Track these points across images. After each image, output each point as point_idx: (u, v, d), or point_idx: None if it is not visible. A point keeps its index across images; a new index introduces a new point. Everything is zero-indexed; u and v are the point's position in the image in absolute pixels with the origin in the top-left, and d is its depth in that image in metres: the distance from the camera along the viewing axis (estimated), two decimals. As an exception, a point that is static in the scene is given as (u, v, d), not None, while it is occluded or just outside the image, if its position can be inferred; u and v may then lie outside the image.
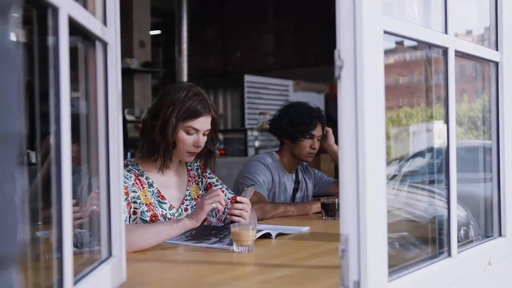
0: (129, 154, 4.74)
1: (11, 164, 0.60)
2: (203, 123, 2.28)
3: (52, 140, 1.05)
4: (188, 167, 2.49)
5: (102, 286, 1.31)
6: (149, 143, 2.28)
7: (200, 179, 2.49)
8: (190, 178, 2.46)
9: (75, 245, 1.24)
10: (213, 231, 2.21)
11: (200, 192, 2.47)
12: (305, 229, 2.44)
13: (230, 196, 2.46)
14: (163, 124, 2.23)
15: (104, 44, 1.40)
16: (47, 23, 1.04)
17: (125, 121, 5.20)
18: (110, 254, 1.42)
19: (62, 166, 1.04)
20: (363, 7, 1.19)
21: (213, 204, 2.03)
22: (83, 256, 1.44)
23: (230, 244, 1.97)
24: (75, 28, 1.15)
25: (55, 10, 1.03)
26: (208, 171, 2.52)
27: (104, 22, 1.40)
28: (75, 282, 1.13)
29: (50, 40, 1.05)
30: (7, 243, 0.59)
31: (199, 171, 2.51)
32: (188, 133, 2.26)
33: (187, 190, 2.43)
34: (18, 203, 0.61)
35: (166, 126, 2.23)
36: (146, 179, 2.30)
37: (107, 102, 1.41)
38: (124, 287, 1.48)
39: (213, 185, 2.48)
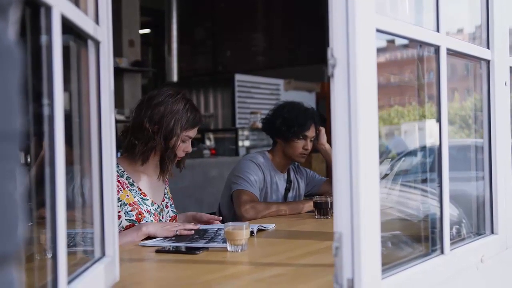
0: (118, 154, 4.73)
1: (12, 162, 0.60)
2: (196, 131, 2.46)
3: (45, 140, 1.04)
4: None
5: (96, 285, 1.30)
6: (149, 150, 2.36)
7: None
8: (166, 180, 2.58)
9: (68, 245, 1.24)
10: (195, 235, 2.20)
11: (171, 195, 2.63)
12: (272, 226, 2.47)
13: (172, 214, 2.56)
14: (167, 134, 2.35)
15: (97, 43, 1.39)
16: (40, 22, 1.04)
17: (115, 121, 5.22)
18: (103, 253, 1.41)
19: (56, 166, 1.04)
20: (356, 5, 1.19)
21: (177, 232, 2.20)
22: (75, 255, 1.43)
23: (224, 242, 1.96)
24: (67, 27, 1.15)
25: (48, 8, 1.02)
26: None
27: (96, 21, 1.39)
28: (69, 282, 1.12)
29: (43, 38, 1.05)
30: (9, 241, 0.59)
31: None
32: (183, 141, 2.40)
33: (165, 189, 2.57)
34: (19, 200, 0.61)
35: (170, 136, 2.35)
36: (126, 179, 2.38)
37: (99, 101, 1.40)
38: (117, 286, 1.47)
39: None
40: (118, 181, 2.32)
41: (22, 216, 0.62)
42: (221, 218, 2.58)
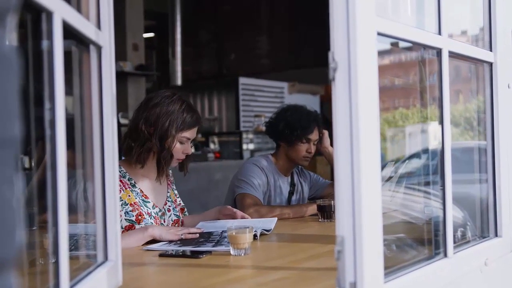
0: (122, 158, 4.73)
1: (10, 168, 0.60)
2: (195, 132, 2.44)
3: (47, 144, 1.04)
4: None
5: (98, 290, 1.30)
6: (146, 152, 2.36)
7: (174, 186, 2.63)
8: (169, 182, 2.59)
9: (70, 249, 1.24)
10: (201, 239, 2.20)
11: (176, 197, 2.61)
12: (274, 220, 2.51)
13: (174, 218, 2.54)
14: (162, 135, 2.34)
15: (98, 48, 1.39)
16: (41, 27, 1.04)
17: (119, 125, 5.24)
18: (106, 258, 1.41)
19: (57, 171, 1.04)
20: (357, 9, 1.19)
21: (182, 236, 2.19)
22: (78, 259, 1.44)
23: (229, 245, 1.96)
24: (69, 32, 1.15)
25: (49, 14, 1.03)
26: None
27: (98, 26, 1.40)
28: (71, 286, 1.12)
29: (44, 44, 1.05)
30: (6, 246, 0.60)
31: (172, 178, 2.64)
32: (181, 142, 2.40)
33: (168, 192, 2.55)
34: (17, 206, 0.62)
35: (165, 137, 2.34)
36: (128, 180, 2.39)
37: (101, 106, 1.41)
38: (120, 291, 1.47)
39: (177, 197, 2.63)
40: (120, 180, 2.33)
41: (20, 222, 0.62)
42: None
